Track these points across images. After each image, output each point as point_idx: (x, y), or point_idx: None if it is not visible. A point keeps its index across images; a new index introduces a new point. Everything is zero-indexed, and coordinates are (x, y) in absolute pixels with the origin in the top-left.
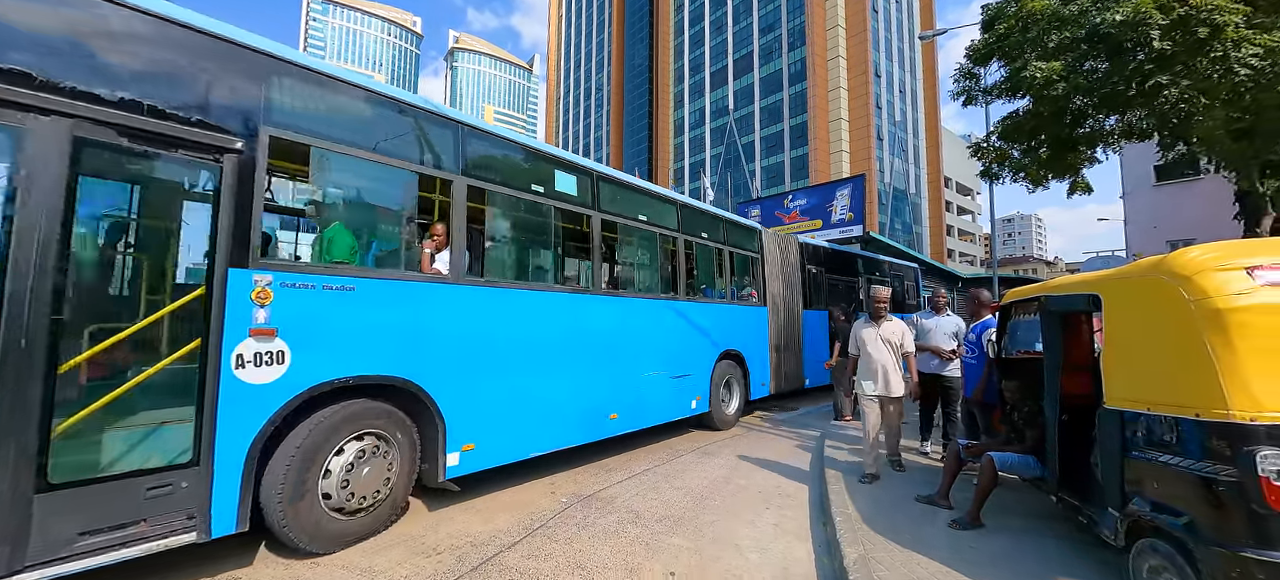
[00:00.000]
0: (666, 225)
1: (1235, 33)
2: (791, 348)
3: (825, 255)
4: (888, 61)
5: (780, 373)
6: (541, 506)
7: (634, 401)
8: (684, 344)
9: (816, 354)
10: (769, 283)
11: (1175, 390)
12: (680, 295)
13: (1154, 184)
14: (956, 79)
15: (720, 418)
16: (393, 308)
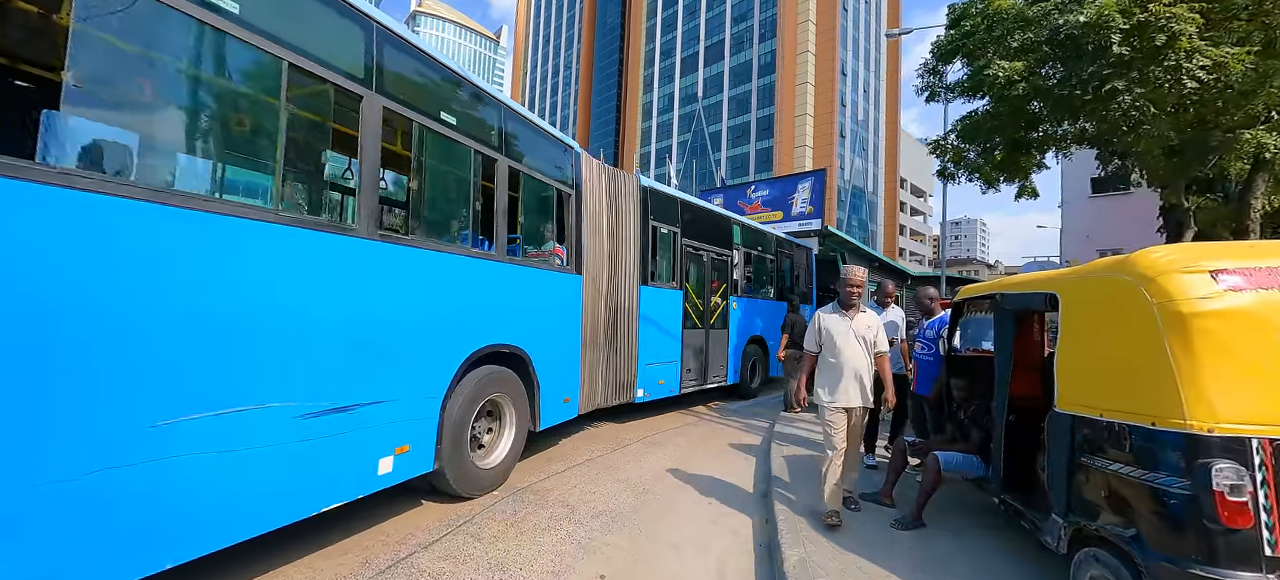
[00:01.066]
0: (340, 67)
1: (1189, 43)
2: (619, 343)
3: (683, 211)
4: (854, 60)
5: (598, 380)
6: (469, 502)
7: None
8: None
9: (659, 353)
10: (588, 238)
11: (1131, 396)
12: (361, 230)
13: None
14: (921, 74)
15: (463, 476)
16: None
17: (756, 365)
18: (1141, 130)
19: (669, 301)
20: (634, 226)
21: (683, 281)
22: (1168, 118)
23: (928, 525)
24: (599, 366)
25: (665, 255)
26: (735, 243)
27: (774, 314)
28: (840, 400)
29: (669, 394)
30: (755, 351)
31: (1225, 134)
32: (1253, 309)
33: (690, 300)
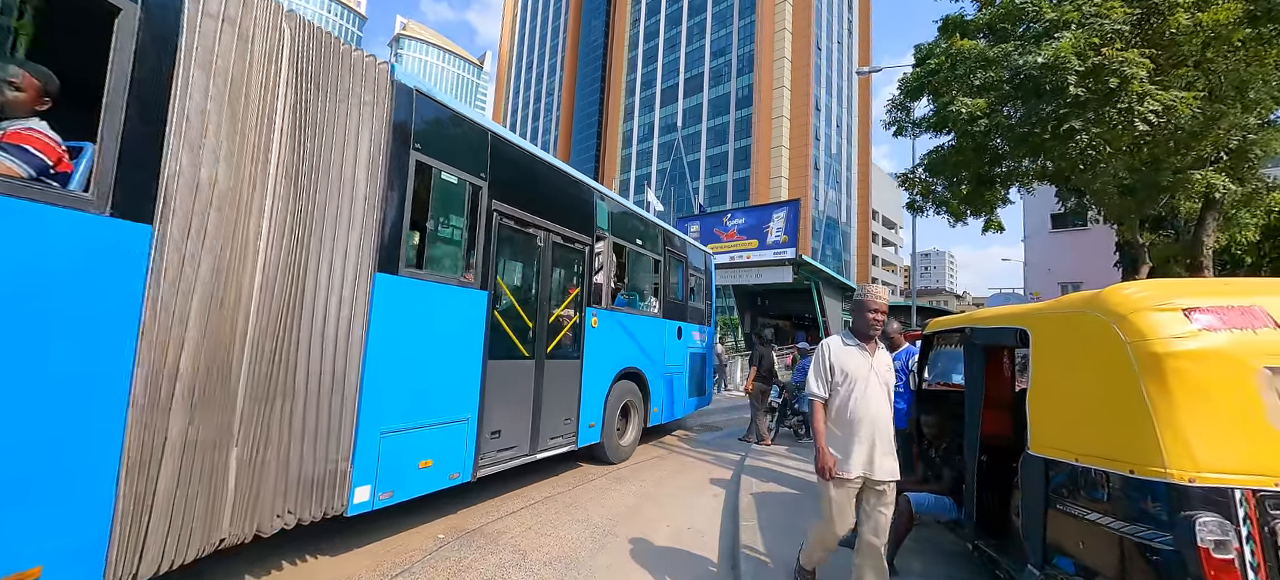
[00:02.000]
0: None
1: (1140, 86)
2: (296, 392)
3: (498, 155)
4: (827, 96)
5: (181, 485)
6: (411, 545)
7: None
8: None
9: (423, 405)
10: (185, 127)
11: (1107, 441)
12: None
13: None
14: (889, 110)
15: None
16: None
17: (631, 412)
18: (1098, 169)
19: (453, 309)
20: (361, 151)
21: (491, 277)
22: (1122, 157)
23: (898, 572)
24: (194, 452)
25: (448, 222)
26: (599, 227)
27: (660, 336)
28: (855, 466)
29: (444, 483)
30: (629, 393)
31: (1175, 174)
32: (1227, 350)
33: (507, 311)
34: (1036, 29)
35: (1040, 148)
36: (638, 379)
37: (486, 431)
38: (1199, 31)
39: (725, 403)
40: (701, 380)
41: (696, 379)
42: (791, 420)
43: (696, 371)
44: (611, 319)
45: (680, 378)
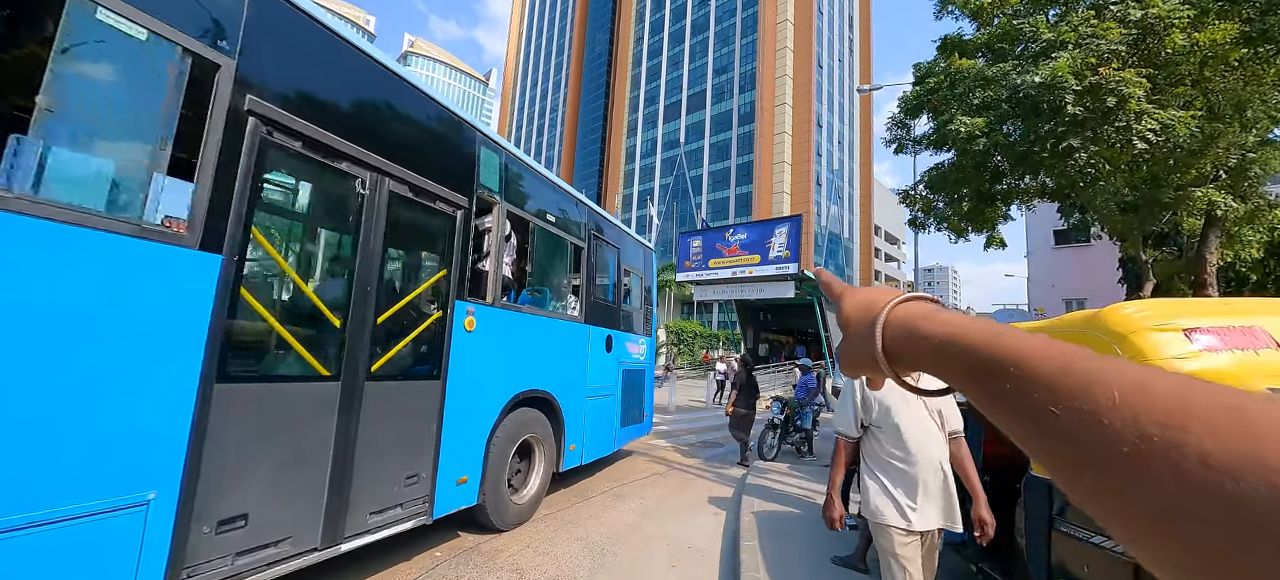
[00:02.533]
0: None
1: (1138, 105)
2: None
3: (282, 20)
4: (829, 113)
5: None
6: (408, 566)
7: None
8: None
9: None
10: None
11: None
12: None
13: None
14: (890, 128)
15: None
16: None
17: (534, 452)
18: (1098, 186)
19: (109, 279)
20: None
21: (236, 229)
22: (1122, 175)
23: None
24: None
25: (121, 113)
26: (484, 186)
27: (580, 347)
28: (915, 518)
29: None
30: (532, 425)
31: (1176, 191)
32: (1229, 371)
33: (277, 294)
34: (1034, 49)
35: (1040, 165)
36: (546, 406)
37: (207, 520)
38: (1196, 51)
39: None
40: (640, 403)
41: (634, 403)
42: (793, 438)
43: (633, 394)
44: (503, 321)
45: (610, 402)
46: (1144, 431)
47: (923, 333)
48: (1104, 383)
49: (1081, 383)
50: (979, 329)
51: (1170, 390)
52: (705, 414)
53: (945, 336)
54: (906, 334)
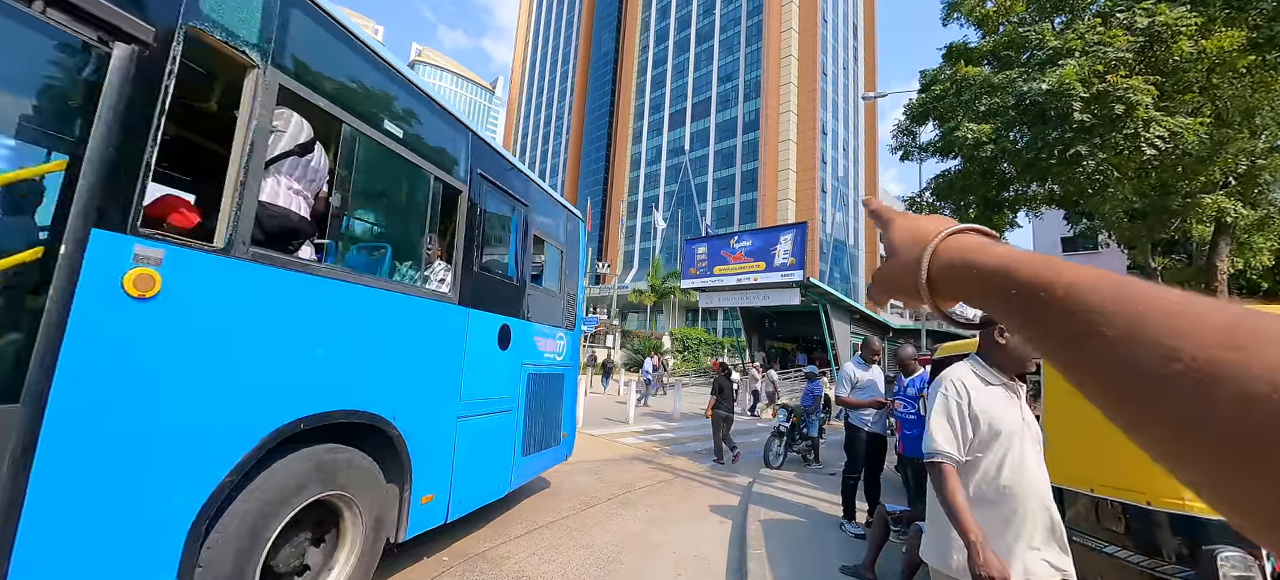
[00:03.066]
0: None
1: (1146, 112)
2: None
3: None
4: (834, 121)
5: None
6: (416, 573)
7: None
8: None
9: None
10: None
11: (1123, 472)
12: None
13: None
14: (896, 135)
15: None
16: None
17: (343, 521)
18: (1106, 193)
19: None
20: None
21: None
22: (1130, 182)
23: None
24: None
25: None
26: (212, 21)
27: (450, 340)
28: (1042, 569)
29: None
30: (330, 473)
31: (1184, 198)
32: None
33: None
34: (1040, 56)
35: (1047, 172)
36: (377, 437)
37: None
38: (1203, 58)
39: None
40: (556, 421)
41: (545, 421)
42: (800, 445)
43: (545, 408)
44: (251, 286)
45: (503, 421)
46: (1201, 353)
47: (974, 262)
48: (1157, 304)
49: (1136, 304)
50: (1032, 257)
51: (1223, 317)
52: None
53: (997, 266)
54: (958, 262)
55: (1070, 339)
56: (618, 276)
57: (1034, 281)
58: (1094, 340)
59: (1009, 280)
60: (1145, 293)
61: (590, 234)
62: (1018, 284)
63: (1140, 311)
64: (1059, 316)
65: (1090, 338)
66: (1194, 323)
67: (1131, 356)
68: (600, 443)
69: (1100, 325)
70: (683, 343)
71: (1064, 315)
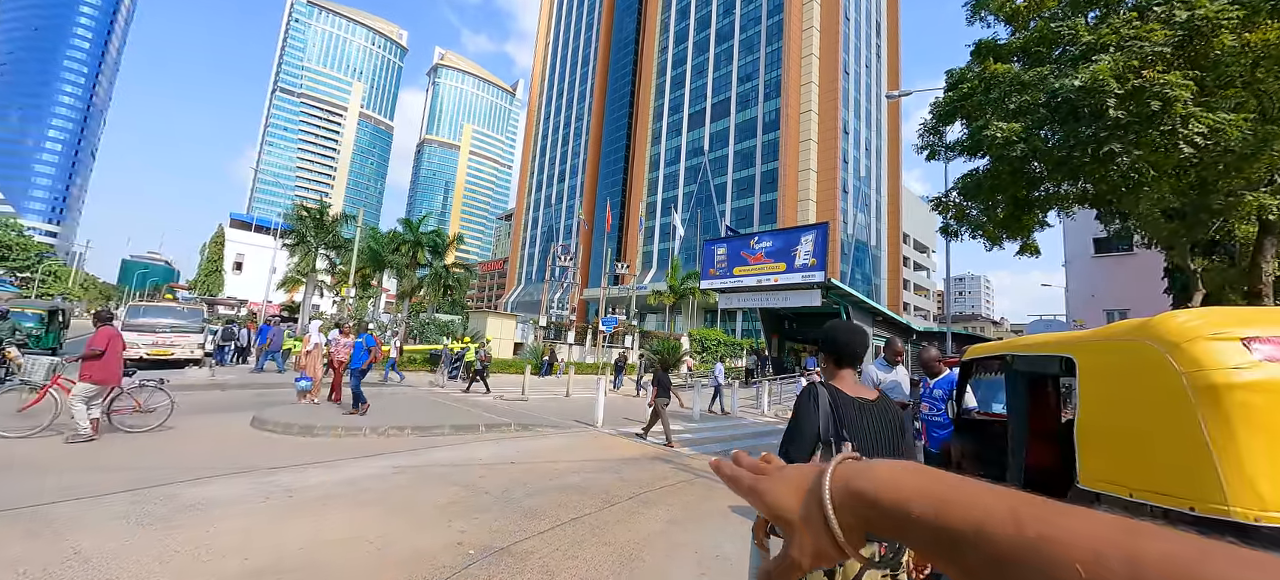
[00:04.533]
0: None
1: (1184, 108)
2: None
3: None
4: (856, 120)
5: None
6: (442, 560)
7: None
8: None
9: None
10: None
11: (1163, 476)
12: None
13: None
14: (922, 134)
15: None
16: None
17: None
18: (1142, 192)
19: None
20: None
21: None
22: (1168, 180)
23: None
24: None
25: None
26: None
27: None
28: None
29: None
30: None
31: (1226, 197)
32: None
33: None
34: (1073, 52)
35: (1080, 171)
36: None
37: None
38: (1247, 52)
39: (752, 426)
40: None
41: None
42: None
43: None
44: None
45: None
46: None
47: (870, 496)
48: (1069, 549)
49: (1046, 553)
50: (923, 493)
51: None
52: (728, 423)
53: (892, 503)
54: (855, 501)
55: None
56: (636, 277)
57: (937, 531)
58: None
59: (911, 523)
60: (1056, 534)
61: (609, 234)
62: (922, 528)
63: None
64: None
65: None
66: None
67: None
68: (620, 442)
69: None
70: (701, 344)
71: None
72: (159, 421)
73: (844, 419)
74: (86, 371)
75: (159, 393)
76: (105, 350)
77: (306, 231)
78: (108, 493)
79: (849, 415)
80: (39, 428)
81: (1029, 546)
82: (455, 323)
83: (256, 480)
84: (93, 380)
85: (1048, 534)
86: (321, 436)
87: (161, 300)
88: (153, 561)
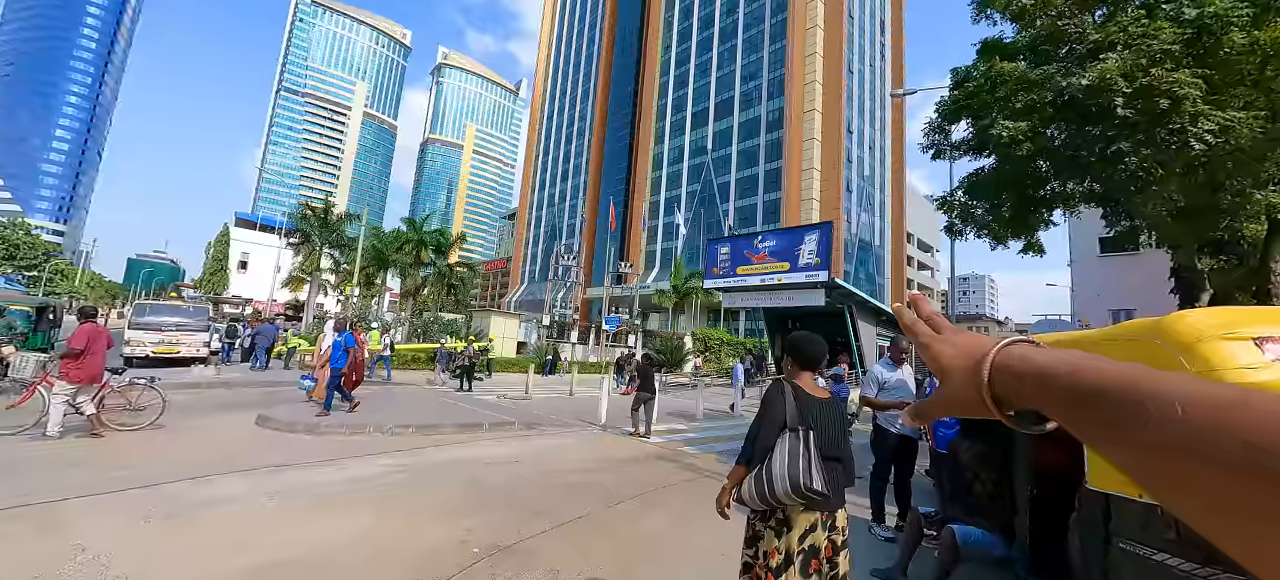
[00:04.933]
0: None
1: (1193, 106)
2: None
3: None
4: (860, 119)
5: None
6: (447, 557)
7: None
8: None
9: None
10: None
11: None
12: None
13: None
14: (927, 133)
15: None
16: None
17: None
18: (1149, 191)
19: None
20: None
21: None
22: (1176, 179)
23: None
24: None
25: None
26: None
27: None
28: None
29: None
30: None
31: (1234, 196)
32: None
33: None
34: (1080, 51)
35: (1087, 170)
36: None
37: None
38: (1256, 50)
39: None
40: None
41: None
42: None
43: None
44: None
45: None
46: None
47: (1022, 372)
48: (1169, 397)
49: (1151, 399)
50: (1066, 362)
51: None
52: (731, 422)
53: (1039, 373)
54: (1010, 374)
55: (1104, 431)
56: (639, 277)
57: (1072, 390)
58: (1143, 431)
59: (1054, 388)
60: (1168, 387)
61: (613, 233)
62: (1061, 389)
63: (1184, 406)
64: (1112, 413)
65: (1118, 429)
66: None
67: (1179, 445)
68: (624, 441)
69: (1148, 421)
70: (704, 343)
71: (1093, 411)
72: (150, 420)
73: (804, 409)
74: (66, 370)
75: (150, 391)
76: (85, 348)
77: (311, 230)
78: (116, 490)
79: (808, 407)
80: (23, 428)
81: (1142, 395)
82: (459, 322)
83: (263, 478)
84: (72, 379)
85: (1161, 390)
86: (326, 435)
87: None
88: (162, 559)
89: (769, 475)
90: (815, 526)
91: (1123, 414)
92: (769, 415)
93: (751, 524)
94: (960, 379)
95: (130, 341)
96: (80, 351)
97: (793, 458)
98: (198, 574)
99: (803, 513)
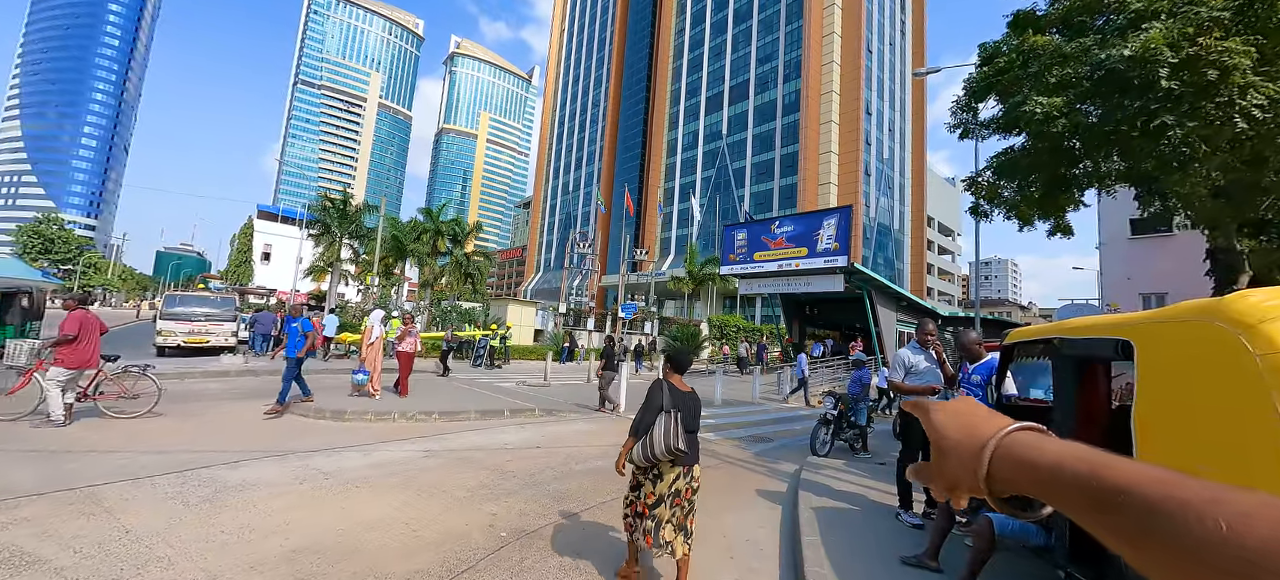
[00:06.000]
0: None
1: (1243, 78)
2: None
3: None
4: (879, 100)
5: None
6: (475, 541)
7: None
8: None
9: None
10: None
11: (1232, 464)
12: None
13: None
14: (953, 111)
15: None
16: None
17: None
18: (1192, 168)
19: None
20: None
21: None
22: (1220, 155)
23: None
24: None
25: None
26: None
27: None
28: None
29: None
30: None
31: (1275, 175)
32: None
33: None
34: (1119, 21)
35: (1126, 147)
36: None
37: None
38: None
39: (776, 413)
40: None
41: None
42: (847, 434)
43: None
44: None
45: None
46: (1251, 560)
47: (1031, 462)
48: (1211, 511)
49: (1191, 511)
50: (1085, 459)
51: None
52: (752, 407)
53: (1053, 466)
54: (1014, 463)
55: (1130, 536)
56: (655, 263)
57: (1088, 487)
58: (1151, 539)
59: (1065, 481)
60: (1198, 497)
61: (628, 220)
62: (1075, 485)
63: (1196, 518)
64: (1120, 523)
65: (1148, 536)
66: (1248, 526)
67: (1187, 558)
68: None
69: (1160, 533)
70: (720, 329)
71: (1125, 521)
72: (145, 407)
73: (675, 398)
74: (60, 356)
75: (144, 379)
76: (77, 334)
77: (330, 222)
78: (153, 475)
79: (677, 396)
80: (21, 414)
81: (1178, 505)
82: (477, 310)
83: (293, 463)
84: (65, 365)
85: (1193, 497)
86: (353, 421)
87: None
88: (199, 541)
89: (651, 442)
90: (678, 477)
91: (1156, 522)
92: (651, 402)
93: (634, 476)
94: (955, 461)
95: (162, 332)
96: (73, 338)
97: (666, 431)
98: (236, 557)
99: (670, 468)
